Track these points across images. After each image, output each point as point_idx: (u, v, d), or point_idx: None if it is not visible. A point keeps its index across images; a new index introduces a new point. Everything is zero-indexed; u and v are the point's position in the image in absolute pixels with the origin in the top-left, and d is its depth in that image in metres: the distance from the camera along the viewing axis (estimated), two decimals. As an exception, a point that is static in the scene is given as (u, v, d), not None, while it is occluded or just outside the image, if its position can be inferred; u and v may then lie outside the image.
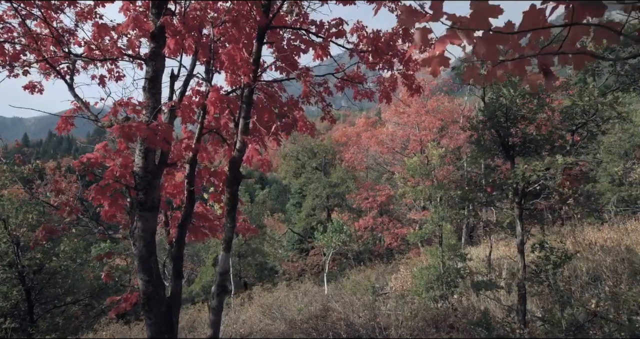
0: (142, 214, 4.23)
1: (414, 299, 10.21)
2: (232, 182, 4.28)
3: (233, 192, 4.28)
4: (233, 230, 4.28)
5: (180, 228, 4.70)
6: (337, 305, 10.89)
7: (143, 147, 4.26)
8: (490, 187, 6.09)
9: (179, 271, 4.57)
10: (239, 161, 4.33)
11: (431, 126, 20.20)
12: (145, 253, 4.23)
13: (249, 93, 4.36)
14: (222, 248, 4.23)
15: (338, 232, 17.80)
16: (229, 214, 4.25)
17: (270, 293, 17.87)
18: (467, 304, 9.48)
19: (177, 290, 4.49)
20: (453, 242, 10.80)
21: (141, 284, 4.18)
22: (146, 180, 4.24)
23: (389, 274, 17.18)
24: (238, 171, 4.34)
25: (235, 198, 4.30)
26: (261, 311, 14.93)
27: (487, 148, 6.21)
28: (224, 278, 4.19)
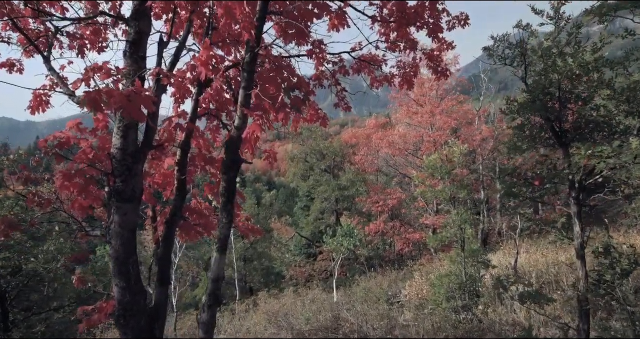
0: (120, 205, 3.46)
1: (434, 310, 9.31)
2: (229, 167, 3.49)
3: (230, 179, 3.50)
4: (230, 227, 3.49)
5: (168, 225, 3.92)
6: (349, 314, 10.02)
7: (122, 124, 3.50)
8: (539, 179, 5.23)
9: (164, 276, 3.79)
10: (237, 140, 3.54)
11: (446, 125, 19.29)
12: (123, 254, 3.45)
13: (250, 58, 3.59)
14: (215, 249, 3.44)
15: (348, 236, 16.93)
16: (224, 208, 3.47)
17: (277, 299, 17.02)
18: (493, 316, 8.55)
19: (162, 299, 3.70)
20: (475, 247, 9.88)
21: (116, 291, 3.40)
22: (125, 164, 3.48)
23: (402, 281, 16.25)
24: (236, 153, 3.55)
25: (232, 187, 3.51)
26: (266, 319, 14.09)
27: (532, 135, 5.36)
28: (217, 286, 3.40)
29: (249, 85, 3.54)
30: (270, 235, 26.88)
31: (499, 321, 8.40)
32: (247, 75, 3.57)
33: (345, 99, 6.46)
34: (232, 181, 3.51)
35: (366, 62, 6.13)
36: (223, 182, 3.50)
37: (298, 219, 31.12)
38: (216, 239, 3.46)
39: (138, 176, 3.57)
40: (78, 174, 3.46)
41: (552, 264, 12.43)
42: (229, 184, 3.49)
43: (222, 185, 3.49)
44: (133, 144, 3.55)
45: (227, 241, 3.47)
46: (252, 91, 3.50)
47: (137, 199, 3.56)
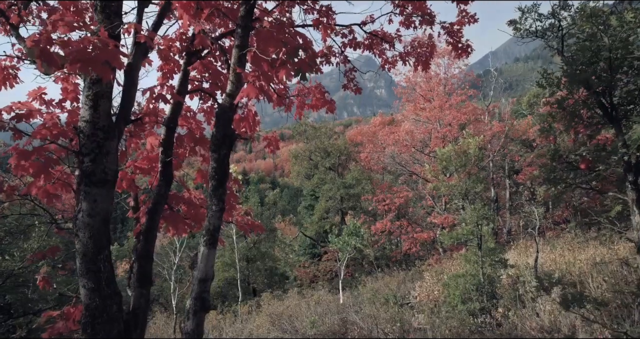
0: (89, 190, 2.86)
1: (448, 312, 8.65)
2: (220, 143, 2.88)
3: (221, 158, 2.89)
4: (221, 216, 2.88)
5: (150, 215, 3.32)
6: (357, 318, 9.38)
7: (91, 92, 2.90)
8: (586, 162, 4.58)
9: (145, 276, 3.18)
10: (229, 110, 2.94)
11: (455, 121, 18.59)
12: (92, 248, 2.85)
13: (245, 12, 2.98)
14: (202, 242, 2.83)
15: (354, 235, 16.27)
16: (214, 192, 2.86)
17: (280, 301, 16.41)
18: (515, 320, 7.87)
19: (141, 303, 3.10)
20: (492, 245, 9.22)
21: (83, 294, 2.80)
22: (95, 140, 2.87)
23: (411, 282, 15.58)
24: (229, 125, 2.94)
25: (224, 168, 2.90)
26: (270, 321, 13.48)
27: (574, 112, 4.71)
28: (205, 288, 2.78)
29: (243, 43, 2.93)
30: (274, 235, 26.28)
31: (521, 326, 7.73)
32: (242, 32, 2.96)
33: (354, 80, 5.84)
34: (224, 160, 2.90)
35: (378, 38, 5.51)
36: (213, 162, 2.88)
37: (302, 218, 30.49)
38: (204, 230, 2.85)
39: (111, 155, 2.97)
40: (37, 152, 2.86)
41: (571, 264, 11.74)
42: (220, 164, 2.88)
43: (212, 165, 2.88)
44: (105, 116, 2.95)
45: (217, 233, 2.86)
46: (247, 50, 2.89)
47: (109, 183, 2.95)
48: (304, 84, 6.54)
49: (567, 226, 19.50)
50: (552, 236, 19.58)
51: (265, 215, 25.90)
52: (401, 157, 23.35)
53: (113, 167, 3.00)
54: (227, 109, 2.91)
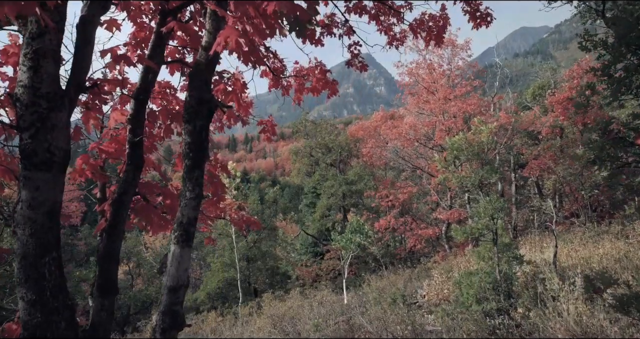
0: (29, 175, 2.24)
1: (462, 313, 8.03)
2: (195, 112, 2.26)
3: (197, 131, 2.26)
4: (198, 205, 2.25)
5: (114, 208, 2.68)
6: (364, 320, 8.76)
7: (30, 49, 2.26)
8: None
9: (107, 283, 2.55)
10: (206, 68, 2.30)
11: (460, 112, 17.90)
12: (34, 249, 2.23)
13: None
14: (173, 239, 2.20)
15: (358, 232, 15.65)
16: (188, 176, 2.23)
17: (282, 302, 15.81)
18: (537, 322, 7.24)
19: (102, 317, 2.47)
20: (507, 240, 8.58)
21: (22, 307, 2.17)
22: (36, 111, 2.24)
23: (417, 280, 14.97)
24: (205, 89, 2.30)
25: (200, 143, 2.27)
26: (272, 324, 12.87)
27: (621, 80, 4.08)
28: (177, 298, 2.15)
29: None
30: (275, 234, 25.67)
31: (543, 327, 7.10)
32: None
33: (359, 56, 5.20)
34: (201, 133, 2.26)
35: (386, 6, 4.87)
36: (187, 136, 2.25)
37: (304, 216, 29.87)
38: (175, 224, 2.22)
39: (59, 131, 2.34)
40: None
41: (589, 259, 11.11)
42: (195, 138, 2.25)
43: (186, 140, 2.25)
44: (50, 81, 2.32)
45: (193, 228, 2.23)
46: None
47: (57, 166, 2.32)
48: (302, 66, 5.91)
49: (577, 220, 18.90)
50: (562, 231, 18.94)
51: (266, 213, 25.23)
52: (404, 152, 22.72)
53: (62, 145, 2.36)
54: (202, 66, 2.28)
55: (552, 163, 19.15)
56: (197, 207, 2.22)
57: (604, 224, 17.71)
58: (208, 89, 2.31)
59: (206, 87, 2.29)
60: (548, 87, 24.63)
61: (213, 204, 3.64)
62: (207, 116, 2.27)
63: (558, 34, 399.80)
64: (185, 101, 2.29)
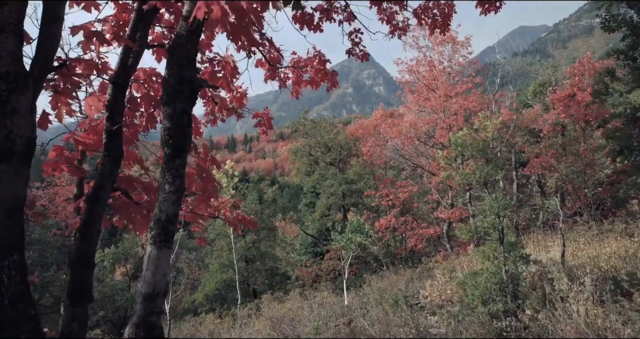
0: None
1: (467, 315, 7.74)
2: (176, 92, 1.96)
3: (177, 114, 1.97)
4: (178, 200, 1.96)
5: (89, 204, 2.39)
6: (366, 323, 8.47)
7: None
8: None
9: (79, 289, 2.25)
10: (186, 41, 2.01)
11: (462, 109, 17.61)
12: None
13: None
14: (150, 238, 1.91)
15: (358, 232, 15.35)
16: (167, 166, 1.94)
17: (282, 303, 15.51)
18: (545, 322, 6.95)
19: (73, 329, 2.17)
20: (513, 239, 8.30)
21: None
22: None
23: (419, 281, 14.68)
24: (187, 65, 2.00)
25: (182, 129, 1.98)
26: (270, 326, 12.58)
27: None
28: (153, 308, 1.86)
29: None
30: (275, 234, 25.38)
31: (552, 329, 6.82)
32: None
33: (361, 44, 4.91)
34: (182, 117, 1.97)
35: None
36: (166, 121, 1.96)
37: (303, 216, 29.58)
38: (152, 221, 1.93)
39: (21, 117, 2.05)
40: None
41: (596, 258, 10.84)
42: (176, 123, 1.96)
43: (165, 126, 1.96)
44: (10, 59, 2.03)
45: (173, 226, 1.94)
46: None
47: (18, 156, 2.04)
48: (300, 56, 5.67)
49: (580, 218, 18.63)
50: (565, 229, 18.64)
51: (265, 213, 24.93)
52: (404, 150, 22.45)
53: (24, 133, 2.07)
54: (183, 40, 1.98)
55: (554, 161, 18.89)
56: (177, 202, 1.93)
57: (607, 222, 17.48)
58: (190, 66, 2.02)
59: (188, 63, 2.00)
60: (549, 85, 24.38)
61: (204, 201, 3.35)
62: (190, 98, 1.98)
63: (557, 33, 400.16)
64: (163, 80, 2.00)
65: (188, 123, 2.00)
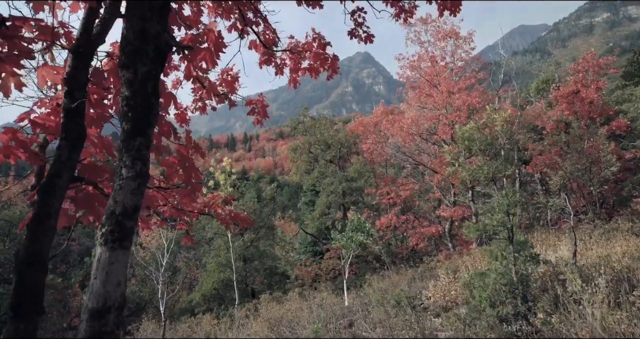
0: None
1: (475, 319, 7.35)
2: (135, 53, 1.56)
3: (139, 80, 1.56)
4: (139, 189, 1.55)
5: (43, 194, 1.99)
6: (367, 325, 8.07)
7: None
8: None
9: (30, 298, 1.85)
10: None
11: (465, 105, 17.18)
12: None
13: None
14: (100, 237, 1.50)
15: (359, 231, 14.96)
16: (126, 145, 1.55)
17: (280, 304, 15.12)
18: (559, 327, 6.56)
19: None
20: (522, 238, 7.90)
21: None
22: None
23: (421, 281, 14.30)
24: (150, 17, 1.60)
25: (145, 99, 1.57)
26: (268, 327, 12.21)
27: None
28: (103, 326, 1.45)
29: None
30: (274, 233, 24.99)
31: (567, 333, 6.43)
32: None
33: (364, 26, 4.50)
34: (145, 84, 1.57)
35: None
36: (125, 89, 1.56)
37: (303, 215, 29.18)
38: (105, 215, 1.53)
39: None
40: None
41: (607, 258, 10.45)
42: (137, 91, 1.56)
43: (123, 94, 1.56)
44: None
45: (131, 221, 1.53)
46: None
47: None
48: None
49: (585, 216, 18.24)
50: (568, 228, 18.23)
51: (265, 212, 24.49)
52: (406, 148, 22.04)
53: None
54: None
55: (558, 159, 18.50)
56: (138, 191, 1.52)
57: (612, 221, 17.13)
58: (158, 19, 1.61)
59: (153, 16, 1.60)
60: (552, 82, 23.99)
61: (187, 195, 2.94)
62: (156, 59, 1.57)
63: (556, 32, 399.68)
64: (121, 37, 1.60)
65: (154, 92, 1.60)
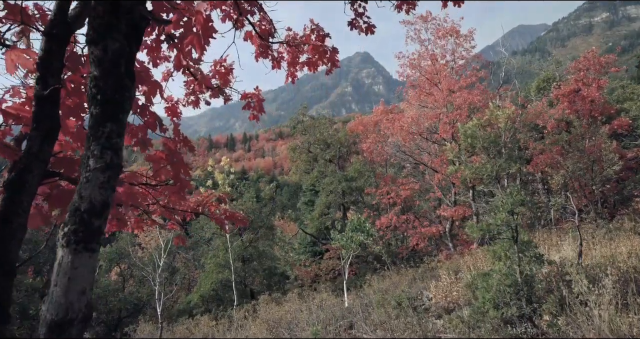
0: None
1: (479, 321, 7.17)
2: (105, 26, 1.37)
3: (110, 58, 1.37)
4: (109, 181, 1.36)
5: (11, 190, 1.80)
6: (368, 328, 7.88)
7: None
8: None
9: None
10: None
11: (466, 103, 16.96)
12: None
13: None
14: (61, 237, 1.30)
15: (359, 231, 14.76)
16: (94, 132, 1.35)
17: (279, 305, 14.92)
18: (566, 329, 6.38)
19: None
20: (526, 238, 7.71)
21: None
22: None
23: (421, 281, 14.11)
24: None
25: (117, 80, 1.38)
26: (267, 329, 12.02)
27: None
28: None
29: None
30: (273, 233, 24.79)
31: (573, 336, 6.24)
32: None
33: (365, 14, 4.31)
34: (117, 63, 1.37)
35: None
36: (94, 68, 1.36)
37: (302, 215, 28.99)
38: (68, 213, 1.34)
39: None
40: None
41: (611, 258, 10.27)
42: (107, 70, 1.36)
43: (92, 74, 1.36)
44: None
45: (99, 219, 1.33)
46: None
47: None
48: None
49: (588, 216, 18.07)
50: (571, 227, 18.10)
51: (264, 212, 24.28)
52: (406, 147, 21.84)
53: None
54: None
55: (560, 158, 18.31)
56: (107, 185, 1.33)
57: (614, 220, 16.98)
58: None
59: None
60: (553, 80, 23.82)
61: (176, 192, 2.75)
62: (130, 33, 1.38)
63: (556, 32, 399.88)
64: (90, 9, 1.40)
65: (128, 73, 1.41)
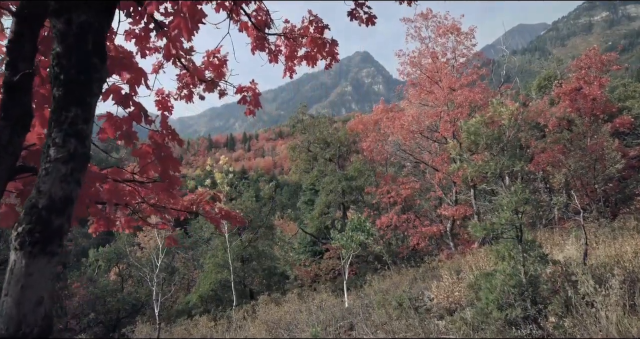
0: None
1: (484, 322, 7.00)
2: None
3: (75, 33, 1.20)
4: (72, 173, 1.19)
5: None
6: (369, 329, 7.71)
7: None
8: None
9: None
10: None
11: (467, 101, 16.77)
12: None
13: None
14: (15, 238, 1.13)
15: (359, 230, 14.59)
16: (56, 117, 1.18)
17: (279, 306, 14.75)
18: (573, 331, 6.20)
19: None
20: (530, 238, 7.54)
21: None
22: None
23: (422, 281, 13.94)
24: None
25: (83, 58, 1.20)
26: (266, 330, 11.86)
27: None
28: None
29: None
30: (273, 232, 24.62)
31: (580, 337, 6.07)
32: None
33: (366, 4, 4.14)
34: (84, 38, 1.18)
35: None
36: (56, 44, 1.18)
37: (302, 214, 28.81)
38: (24, 211, 1.16)
39: None
40: None
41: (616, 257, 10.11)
42: (71, 46, 1.18)
43: (55, 51, 1.19)
44: None
45: (61, 217, 1.16)
46: None
47: None
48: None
49: (590, 215, 17.91)
50: (573, 227, 17.95)
51: (263, 211, 24.10)
52: (406, 146, 21.67)
53: None
54: None
55: (561, 156, 18.14)
56: (71, 179, 1.15)
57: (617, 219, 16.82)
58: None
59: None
60: (554, 79, 23.65)
61: (165, 190, 2.57)
62: (99, 7, 1.20)
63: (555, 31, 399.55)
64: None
65: (97, 50, 1.23)
